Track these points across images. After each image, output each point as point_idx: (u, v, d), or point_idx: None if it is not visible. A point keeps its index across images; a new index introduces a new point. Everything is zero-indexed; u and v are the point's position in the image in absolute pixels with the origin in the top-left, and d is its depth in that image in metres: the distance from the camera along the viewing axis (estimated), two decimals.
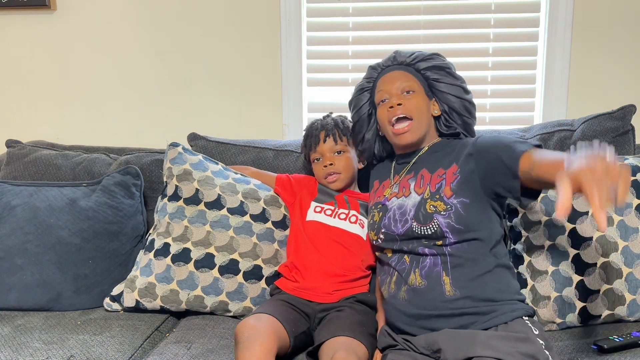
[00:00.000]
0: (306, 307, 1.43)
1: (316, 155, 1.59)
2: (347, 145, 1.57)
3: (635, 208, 1.46)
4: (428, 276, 1.25)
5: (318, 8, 2.07)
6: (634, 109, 1.65)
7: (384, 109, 1.38)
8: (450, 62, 1.45)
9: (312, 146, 1.59)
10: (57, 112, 2.19)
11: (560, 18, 1.96)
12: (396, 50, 1.47)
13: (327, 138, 1.56)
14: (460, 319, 1.20)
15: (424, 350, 1.20)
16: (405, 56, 1.43)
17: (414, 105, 1.36)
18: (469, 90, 1.44)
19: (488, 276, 1.24)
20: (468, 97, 1.43)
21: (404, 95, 1.38)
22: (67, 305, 1.61)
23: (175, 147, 1.72)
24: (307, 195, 1.62)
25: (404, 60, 1.43)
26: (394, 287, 1.31)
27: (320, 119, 1.64)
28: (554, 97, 2.01)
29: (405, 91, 1.38)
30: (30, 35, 2.15)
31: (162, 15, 2.09)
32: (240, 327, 1.25)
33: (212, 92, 2.13)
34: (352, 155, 1.59)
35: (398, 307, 1.29)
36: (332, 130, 1.57)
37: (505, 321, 1.19)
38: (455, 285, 1.22)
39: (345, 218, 1.55)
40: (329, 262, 1.48)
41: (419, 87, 1.40)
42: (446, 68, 1.42)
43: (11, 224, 1.65)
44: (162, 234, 1.61)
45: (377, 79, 1.45)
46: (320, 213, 1.56)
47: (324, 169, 1.57)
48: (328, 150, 1.56)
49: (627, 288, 1.40)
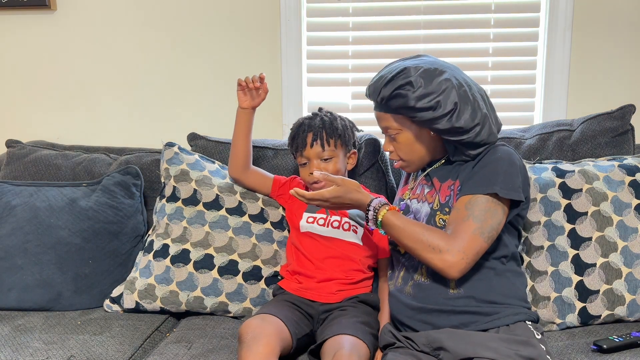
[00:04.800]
0: (310, 308, 1.43)
1: (302, 160, 1.53)
2: (335, 150, 1.51)
3: (635, 208, 1.46)
4: (434, 273, 1.25)
5: (318, 8, 2.06)
6: (633, 109, 1.65)
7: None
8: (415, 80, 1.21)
9: (298, 149, 1.53)
10: (57, 112, 2.19)
11: (560, 18, 1.96)
12: (368, 85, 1.34)
13: (314, 143, 1.49)
14: (462, 316, 1.21)
15: (425, 347, 1.20)
16: (375, 94, 1.30)
17: (401, 147, 1.32)
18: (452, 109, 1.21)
19: (495, 279, 1.24)
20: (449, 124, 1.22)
21: (391, 140, 1.33)
22: (67, 305, 1.61)
23: (171, 147, 1.72)
24: (299, 205, 1.57)
25: (374, 99, 1.32)
26: (400, 282, 1.33)
27: (308, 118, 1.56)
28: (554, 97, 2.01)
29: (389, 134, 1.33)
30: (30, 35, 2.15)
31: (162, 14, 2.09)
32: (245, 328, 1.25)
33: (212, 91, 2.13)
34: (341, 159, 1.53)
35: (402, 300, 1.30)
36: (319, 133, 1.49)
37: (507, 323, 1.19)
38: (460, 284, 1.23)
39: (339, 226, 1.52)
40: (329, 274, 1.47)
41: (399, 123, 1.29)
42: (416, 106, 1.21)
43: (11, 224, 1.65)
44: (161, 235, 1.62)
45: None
46: (313, 223, 1.53)
47: (310, 177, 1.50)
48: (315, 157, 1.50)
49: (627, 288, 1.40)
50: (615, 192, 1.47)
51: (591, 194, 1.47)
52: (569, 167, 1.53)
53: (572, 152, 1.66)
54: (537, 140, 1.70)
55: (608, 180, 1.49)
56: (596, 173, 1.50)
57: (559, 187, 1.49)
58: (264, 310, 1.35)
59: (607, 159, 1.57)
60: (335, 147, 1.51)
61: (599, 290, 1.40)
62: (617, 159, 1.56)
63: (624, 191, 1.47)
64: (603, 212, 1.45)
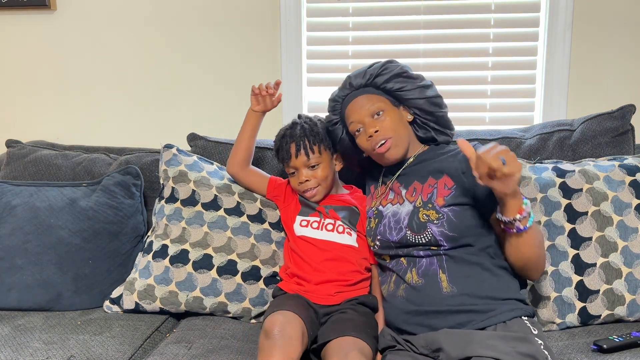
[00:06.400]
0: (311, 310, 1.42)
1: (290, 170, 1.53)
2: (320, 155, 1.50)
3: (635, 208, 1.46)
4: (425, 275, 1.27)
5: (318, 8, 2.06)
6: (633, 109, 1.65)
7: (363, 139, 1.39)
8: (405, 65, 1.43)
9: (284, 160, 1.53)
10: (57, 112, 2.19)
11: (560, 18, 1.95)
12: (348, 75, 1.45)
13: (298, 153, 1.49)
14: (458, 316, 1.21)
15: (424, 350, 1.20)
16: (360, 77, 1.41)
17: (388, 125, 1.36)
18: (429, 83, 1.43)
19: (486, 274, 1.25)
20: (431, 93, 1.42)
21: (376, 120, 1.37)
22: (67, 305, 1.61)
23: (170, 148, 1.72)
24: (292, 209, 1.57)
25: (360, 83, 1.41)
26: (393, 286, 1.34)
27: (288, 127, 1.55)
28: (554, 97, 2.01)
29: (374, 114, 1.37)
30: (30, 35, 2.15)
31: (162, 14, 2.10)
32: (270, 323, 1.24)
33: (212, 92, 2.13)
34: (328, 163, 1.52)
35: (396, 305, 1.30)
36: (302, 142, 1.49)
37: (503, 320, 1.19)
38: (452, 282, 1.24)
39: (333, 229, 1.51)
40: (327, 276, 1.46)
41: (385, 103, 1.39)
42: (403, 74, 1.40)
43: (11, 224, 1.65)
44: (160, 236, 1.62)
45: (343, 109, 1.44)
46: (307, 227, 1.53)
47: (301, 185, 1.52)
48: (302, 166, 1.50)
49: (627, 288, 1.40)
50: (616, 192, 1.47)
51: (591, 193, 1.47)
52: (569, 167, 1.53)
53: (573, 152, 1.66)
54: (537, 140, 1.70)
55: (608, 180, 1.49)
56: (596, 173, 1.50)
57: (559, 187, 1.49)
58: (288, 308, 1.32)
59: (607, 159, 1.57)
60: (320, 152, 1.51)
61: (599, 290, 1.40)
62: (617, 158, 1.56)
63: (624, 191, 1.47)
64: (603, 212, 1.45)
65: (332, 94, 1.48)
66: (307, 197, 1.54)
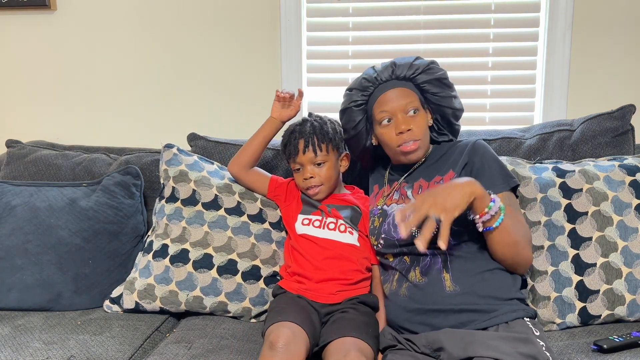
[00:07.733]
0: (312, 309, 1.42)
1: (296, 166, 1.54)
2: (327, 154, 1.51)
3: (635, 208, 1.46)
4: (428, 273, 1.26)
5: (318, 8, 2.07)
6: (633, 109, 1.65)
7: (390, 132, 1.36)
8: (445, 70, 1.41)
9: (291, 156, 1.54)
10: (57, 112, 2.19)
11: (560, 18, 1.96)
12: (394, 62, 1.40)
13: (306, 149, 1.50)
14: (460, 315, 1.21)
15: (425, 349, 1.20)
16: (405, 69, 1.38)
17: (421, 126, 1.36)
18: (457, 95, 1.44)
19: (488, 274, 1.25)
20: (458, 105, 1.44)
21: (410, 117, 1.35)
22: (67, 305, 1.61)
23: (170, 148, 1.72)
24: (294, 207, 1.58)
25: (403, 74, 1.38)
26: (395, 285, 1.33)
27: (298, 124, 1.56)
28: (554, 97, 2.01)
29: (409, 111, 1.36)
30: (30, 35, 2.15)
31: (162, 15, 2.10)
32: (275, 336, 1.23)
33: (211, 91, 2.13)
34: (334, 163, 1.53)
35: (398, 303, 1.30)
36: (311, 139, 1.50)
37: (505, 321, 1.19)
38: (455, 281, 1.23)
39: (335, 228, 1.51)
40: (328, 274, 1.46)
41: (419, 103, 1.38)
42: (444, 79, 1.40)
43: (11, 224, 1.65)
44: (161, 236, 1.62)
45: (374, 93, 1.40)
46: (309, 225, 1.53)
47: (305, 182, 1.53)
48: (308, 162, 1.51)
49: (627, 288, 1.40)
50: (616, 192, 1.47)
51: (591, 193, 1.47)
52: (569, 167, 1.53)
53: (573, 152, 1.66)
54: (537, 140, 1.70)
55: (608, 180, 1.49)
56: (596, 173, 1.50)
57: (559, 187, 1.49)
58: (290, 319, 1.30)
59: (607, 159, 1.57)
60: (327, 151, 1.52)
61: (599, 290, 1.40)
62: (617, 159, 1.56)
63: (624, 191, 1.47)
64: (603, 212, 1.45)
65: (367, 74, 1.42)
66: (309, 194, 1.54)
